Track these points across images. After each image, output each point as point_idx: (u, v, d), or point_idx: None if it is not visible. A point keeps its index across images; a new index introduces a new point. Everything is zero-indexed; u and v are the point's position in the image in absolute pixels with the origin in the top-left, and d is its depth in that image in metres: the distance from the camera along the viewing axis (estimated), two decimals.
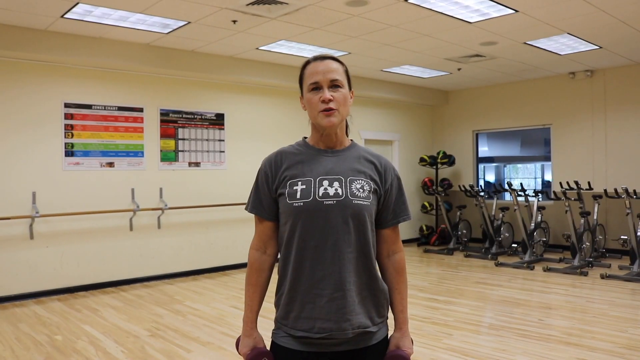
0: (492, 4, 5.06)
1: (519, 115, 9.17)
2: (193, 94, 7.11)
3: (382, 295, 1.61)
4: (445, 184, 9.71)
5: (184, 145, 7.01)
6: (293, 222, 1.54)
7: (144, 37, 6.00)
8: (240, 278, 6.68)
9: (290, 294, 1.55)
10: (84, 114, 6.17)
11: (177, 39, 6.11)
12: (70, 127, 6.07)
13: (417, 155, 9.99)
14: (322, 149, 1.62)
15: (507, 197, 9.56)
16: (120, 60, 6.15)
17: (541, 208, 8.12)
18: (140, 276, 6.55)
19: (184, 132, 7.01)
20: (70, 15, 5.13)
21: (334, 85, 1.56)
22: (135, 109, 6.58)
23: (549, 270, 6.91)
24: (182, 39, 6.09)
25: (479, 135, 10.06)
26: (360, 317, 1.54)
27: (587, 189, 7.79)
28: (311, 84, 1.57)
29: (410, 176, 9.92)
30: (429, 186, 9.73)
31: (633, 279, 6.21)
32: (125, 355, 3.88)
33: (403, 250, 1.68)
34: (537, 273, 6.86)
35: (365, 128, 9.10)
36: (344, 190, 1.53)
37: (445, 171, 10.04)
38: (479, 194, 8.53)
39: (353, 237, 1.53)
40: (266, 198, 1.61)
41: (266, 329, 1.66)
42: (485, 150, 11.89)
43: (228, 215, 7.33)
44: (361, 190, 1.55)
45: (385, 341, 1.62)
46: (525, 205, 8.26)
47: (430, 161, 9.75)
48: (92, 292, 6.04)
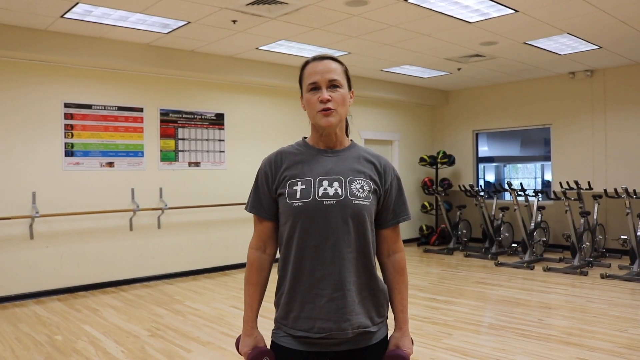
0: (492, 3, 5.06)
1: (519, 115, 9.17)
2: (193, 94, 7.11)
3: (382, 295, 1.61)
4: (445, 183, 9.71)
5: (183, 145, 7.01)
6: (293, 222, 1.54)
7: (143, 37, 6.00)
8: (240, 278, 6.68)
9: (290, 294, 1.55)
10: (83, 114, 6.17)
11: (177, 39, 6.11)
12: (70, 127, 6.07)
13: (417, 155, 9.99)
14: (322, 149, 1.62)
15: (507, 197, 9.57)
16: (120, 60, 6.15)
17: (541, 208, 8.12)
18: (140, 276, 6.56)
19: (184, 132, 7.01)
20: (70, 15, 5.13)
21: (332, 85, 1.56)
22: (135, 109, 6.58)
23: (549, 270, 6.91)
24: (182, 39, 6.09)
25: (479, 135, 10.06)
26: (360, 317, 1.54)
27: (587, 189, 7.79)
28: (310, 84, 1.57)
29: (410, 176, 9.92)
30: (429, 186, 9.73)
31: (633, 278, 6.21)
32: (125, 355, 3.89)
33: (403, 250, 1.68)
34: (537, 273, 6.86)
35: (365, 128, 9.10)
36: (343, 191, 1.54)
37: (445, 171, 10.04)
38: (479, 193, 8.53)
39: (353, 237, 1.53)
40: (266, 198, 1.61)
41: (266, 329, 1.66)
42: (485, 150, 11.89)
43: (228, 215, 7.33)
44: (361, 190, 1.55)
45: (385, 341, 1.62)
46: (525, 205, 8.26)
47: (430, 161, 9.75)
48: (92, 292, 6.04)
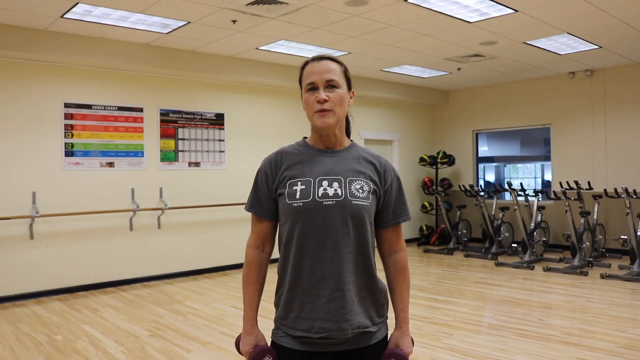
0: (492, 3, 5.06)
1: (519, 115, 9.17)
2: (193, 94, 7.11)
3: (382, 295, 1.61)
4: (445, 183, 9.71)
5: (183, 145, 7.01)
6: (292, 222, 1.54)
7: (143, 37, 6.00)
8: (240, 278, 6.67)
9: (290, 294, 1.56)
10: (84, 114, 6.17)
11: (177, 39, 6.11)
12: (70, 127, 6.07)
13: (417, 155, 9.98)
14: (322, 149, 1.62)
15: (507, 197, 9.56)
16: (120, 60, 6.15)
17: (541, 208, 8.12)
18: (140, 276, 6.55)
19: (184, 132, 7.01)
20: (70, 15, 5.13)
21: (330, 85, 1.56)
22: (135, 109, 6.58)
23: (549, 270, 6.91)
24: (182, 38, 6.09)
25: (479, 135, 10.06)
26: (359, 317, 1.54)
27: (587, 189, 7.79)
28: (308, 84, 1.57)
29: (410, 176, 9.91)
30: (429, 186, 9.73)
31: (633, 278, 6.21)
32: (125, 355, 3.89)
33: (405, 250, 1.68)
34: (537, 273, 6.86)
35: (365, 128, 9.10)
36: (343, 191, 1.54)
37: (445, 171, 10.04)
38: (479, 193, 8.53)
39: (352, 238, 1.53)
40: (265, 198, 1.62)
41: (266, 329, 1.66)
42: (485, 150, 11.89)
43: (228, 215, 7.33)
44: (360, 190, 1.55)
45: (385, 341, 1.63)
46: (525, 205, 8.26)
47: (430, 161, 9.75)
48: (92, 292, 6.04)
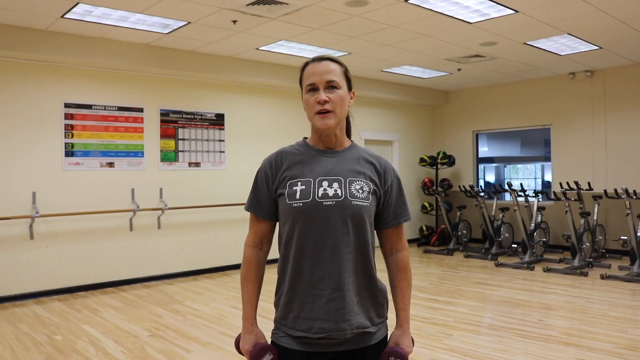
0: (492, 4, 5.06)
1: (519, 115, 9.17)
2: (193, 94, 7.11)
3: (382, 296, 1.61)
4: (445, 184, 9.71)
5: (184, 145, 7.01)
6: (292, 223, 1.54)
7: (144, 37, 6.00)
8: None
9: (290, 294, 1.56)
10: (84, 114, 6.17)
11: (177, 39, 6.11)
12: (70, 127, 6.07)
13: (417, 155, 9.98)
14: (322, 150, 1.62)
15: (507, 198, 9.56)
16: (121, 60, 6.15)
17: (541, 208, 8.12)
18: (140, 276, 6.55)
19: (184, 132, 7.01)
20: (70, 16, 5.13)
21: (330, 86, 1.56)
22: (135, 109, 6.58)
23: (549, 270, 6.91)
24: (182, 39, 6.09)
25: (479, 135, 10.06)
26: (359, 318, 1.54)
27: (587, 190, 7.78)
28: (308, 85, 1.57)
29: (410, 176, 9.91)
30: (429, 186, 9.73)
31: (633, 279, 6.21)
32: (125, 356, 3.88)
33: (407, 249, 1.68)
34: (537, 273, 6.86)
35: (365, 128, 9.10)
36: (343, 191, 1.54)
37: (445, 171, 10.04)
38: (479, 194, 8.53)
39: (352, 238, 1.53)
40: (265, 198, 1.62)
41: (266, 329, 1.66)
42: (485, 150, 11.89)
43: (228, 215, 7.33)
44: (360, 191, 1.56)
45: (385, 341, 1.63)
46: (525, 206, 8.25)
47: (430, 161, 9.74)
48: (92, 292, 6.04)
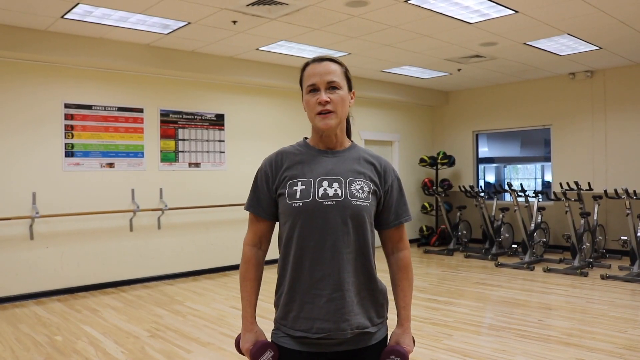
0: (492, 4, 5.06)
1: (519, 115, 9.17)
2: (193, 94, 7.11)
3: (381, 296, 1.62)
4: (445, 184, 9.71)
5: (184, 145, 7.01)
6: (292, 223, 1.54)
7: (144, 38, 6.00)
8: None
9: (290, 294, 1.56)
10: (84, 115, 6.17)
11: (177, 40, 6.11)
12: (70, 128, 6.07)
13: (417, 155, 9.98)
14: (322, 150, 1.62)
15: (507, 198, 9.56)
16: (121, 60, 6.15)
17: (541, 209, 8.12)
18: (141, 277, 6.55)
19: (184, 133, 7.01)
20: (70, 16, 5.13)
21: (331, 87, 1.56)
22: (136, 110, 6.58)
23: (549, 270, 6.91)
24: (182, 39, 6.09)
25: (479, 135, 10.06)
26: (359, 318, 1.54)
27: (587, 190, 7.78)
28: (309, 86, 1.57)
29: (410, 177, 9.91)
30: (429, 187, 9.73)
31: (633, 279, 6.21)
32: (126, 356, 3.88)
33: (409, 249, 1.69)
34: (537, 274, 6.86)
35: (365, 128, 9.10)
36: (343, 191, 1.54)
37: (445, 172, 10.04)
38: (479, 194, 8.53)
39: (352, 238, 1.53)
40: (265, 197, 1.62)
41: (266, 329, 1.66)
42: (486, 150, 11.89)
43: (228, 215, 7.33)
44: (360, 191, 1.56)
45: (385, 341, 1.63)
46: (525, 206, 8.25)
47: (430, 162, 9.75)
48: (92, 293, 6.04)
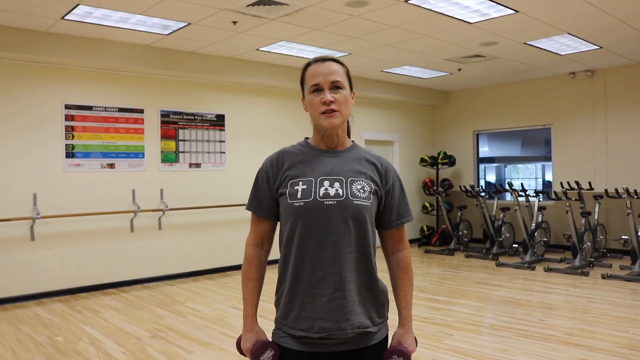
0: (492, 4, 5.06)
1: (520, 115, 9.17)
2: (193, 95, 7.12)
3: (382, 296, 1.62)
4: (445, 184, 9.70)
5: (184, 146, 7.01)
6: (293, 222, 1.54)
7: (144, 39, 6.01)
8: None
9: (290, 294, 1.56)
10: (84, 116, 6.18)
11: (178, 40, 6.12)
12: (70, 129, 6.07)
13: (418, 155, 9.98)
14: (324, 150, 1.63)
15: (508, 198, 9.56)
16: (121, 61, 6.16)
17: (542, 208, 8.11)
18: (141, 277, 6.55)
19: (185, 133, 7.01)
20: (70, 17, 5.13)
21: (335, 86, 1.57)
22: (136, 110, 6.58)
23: (550, 270, 6.90)
24: (183, 40, 6.09)
25: (480, 135, 10.05)
26: (360, 317, 1.54)
27: (588, 189, 7.78)
28: (312, 86, 1.57)
29: (411, 177, 9.91)
30: (429, 186, 9.72)
31: (634, 279, 6.21)
32: (126, 357, 3.89)
33: (409, 248, 1.69)
34: (538, 273, 6.86)
35: (366, 128, 9.10)
36: (344, 191, 1.54)
37: (445, 171, 10.04)
38: (480, 194, 8.53)
39: (353, 238, 1.53)
40: (266, 197, 1.62)
41: (266, 329, 1.66)
42: (486, 150, 11.90)
43: (229, 216, 7.33)
44: (362, 191, 1.56)
45: (386, 341, 1.63)
46: (526, 206, 8.25)
47: (430, 161, 9.74)
48: (93, 293, 6.04)
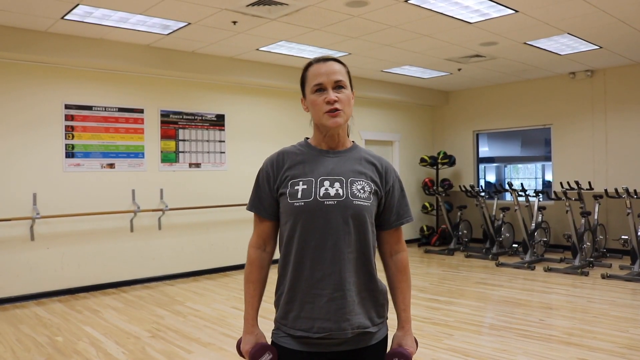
0: (492, 4, 5.06)
1: (520, 115, 9.17)
2: (193, 95, 7.11)
3: (382, 296, 1.62)
4: (445, 184, 9.70)
5: (184, 146, 7.01)
6: (294, 222, 1.54)
7: (144, 39, 6.00)
8: (241, 279, 6.67)
9: (290, 294, 1.56)
10: (84, 115, 6.18)
11: (178, 40, 6.12)
12: (70, 129, 6.07)
13: (418, 155, 9.98)
14: (324, 150, 1.63)
15: (508, 197, 9.56)
16: (121, 61, 6.16)
17: (542, 208, 8.12)
18: (141, 277, 6.55)
19: (185, 133, 7.01)
20: (70, 17, 5.13)
21: (338, 86, 1.57)
22: (136, 110, 6.58)
23: (550, 270, 6.90)
24: (183, 40, 6.09)
25: (480, 135, 10.05)
26: (359, 318, 1.54)
27: (588, 189, 7.78)
28: (315, 85, 1.57)
29: (411, 177, 9.91)
30: (429, 186, 9.72)
31: (634, 278, 6.21)
32: (126, 357, 3.89)
33: (406, 250, 1.69)
34: (538, 273, 6.86)
35: (366, 128, 9.10)
36: (344, 191, 1.54)
37: (445, 171, 10.04)
38: (480, 194, 8.53)
39: (353, 238, 1.53)
40: (267, 197, 1.62)
41: (266, 329, 1.66)
42: (486, 150, 11.90)
43: (229, 216, 7.33)
44: (362, 191, 1.56)
45: (385, 341, 1.63)
46: (526, 206, 8.25)
47: (430, 161, 9.74)
48: (93, 293, 6.04)
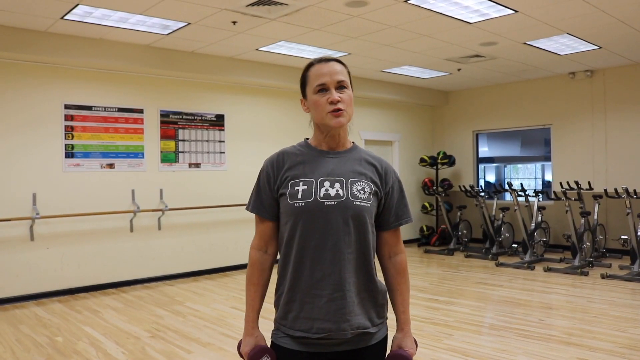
0: (492, 4, 5.06)
1: (519, 115, 9.17)
2: (193, 95, 7.11)
3: (381, 296, 1.62)
4: (445, 184, 9.71)
5: (184, 146, 7.01)
6: (294, 222, 1.54)
7: (144, 39, 6.00)
8: (241, 279, 6.69)
9: (290, 294, 1.56)
10: (84, 115, 6.17)
11: (177, 40, 6.11)
12: (70, 129, 6.07)
13: (417, 155, 9.98)
14: (324, 150, 1.63)
15: (508, 198, 9.57)
16: (121, 61, 6.16)
17: (541, 208, 8.12)
18: (141, 277, 6.55)
19: (184, 133, 7.01)
20: (70, 17, 5.13)
21: (340, 86, 1.57)
22: (136, 110, 6.58)
23: (550, 270, 6.91)
24: (182, 40, 6.09)
25: (479, 135, 10.06)
26: (359, 318, 1.54)
27: (588, 189, 7.79)
28: (318, 86, 1.57)
29: (411, 177, 9.91)
30: (429, 186, 9.73)
31: (633, 278, 6.21)
32: (126, 357, 3.89)
33: (404, 252, 1.68)
34: (538, 273, 6.86)
35: (365, 128, 9.10)
36: (344, 192, 1.54)
37: (445, 171, 10.04)
38: (479, 194, 8.53)
39: (353, 238, 1.53)
40: (267, 198, 1.62)
41: (266, 329, 1.66)
42: (486, 150, 11.91)
43: (228, 216, 7.33)
44: (362, 192, 1.56)
45: (385, 342, 1.63)
46: (526, 206, 8.26)
47: (430, 161, 9.75)
48: (93, 294, 6.04)
